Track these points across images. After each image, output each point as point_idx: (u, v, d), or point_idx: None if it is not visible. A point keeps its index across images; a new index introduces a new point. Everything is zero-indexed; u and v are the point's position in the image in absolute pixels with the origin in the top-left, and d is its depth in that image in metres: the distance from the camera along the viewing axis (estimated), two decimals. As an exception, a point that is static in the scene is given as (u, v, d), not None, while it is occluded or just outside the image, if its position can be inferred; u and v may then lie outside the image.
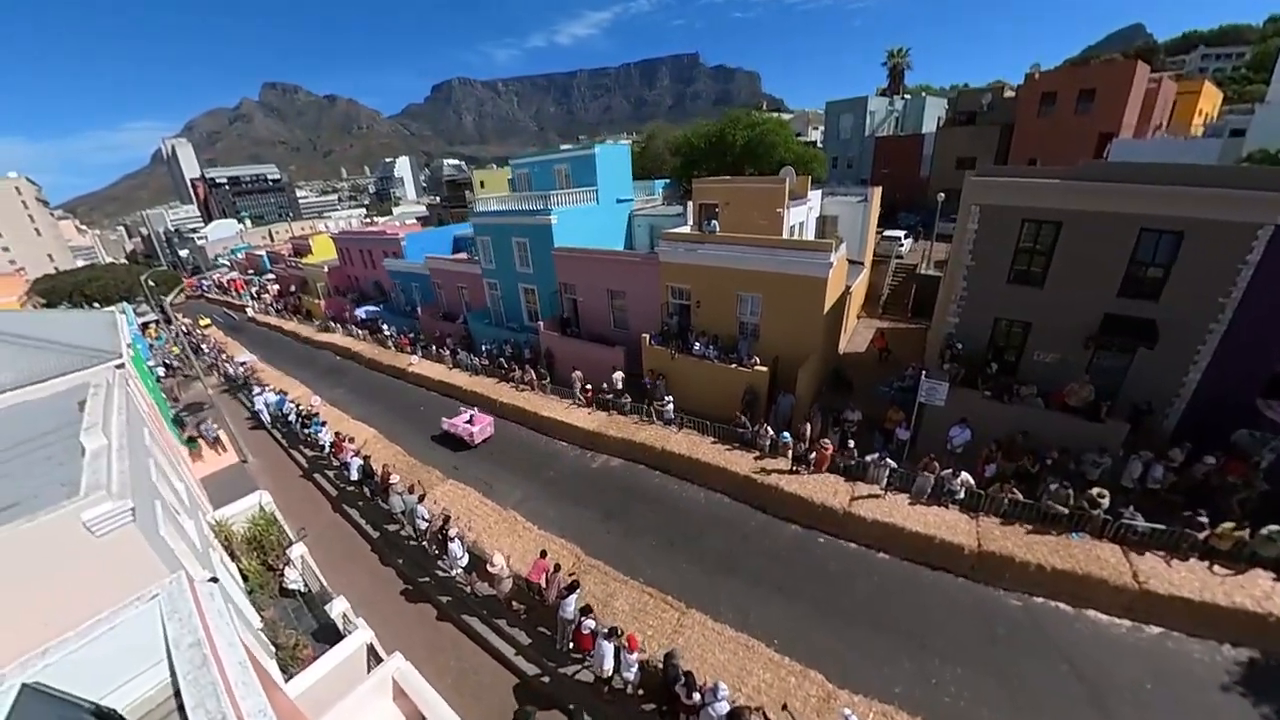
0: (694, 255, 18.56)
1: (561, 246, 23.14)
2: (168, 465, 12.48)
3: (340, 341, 35.82)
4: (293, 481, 19.60)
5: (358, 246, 41.73)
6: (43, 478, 7.35)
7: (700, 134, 35.45)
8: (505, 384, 22.92)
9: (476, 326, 28.77)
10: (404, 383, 27.47)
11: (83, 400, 9.72)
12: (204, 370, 29.33)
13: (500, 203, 25.95)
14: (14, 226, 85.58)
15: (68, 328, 14.18)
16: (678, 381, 18.72)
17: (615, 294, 22.15)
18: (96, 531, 6.28)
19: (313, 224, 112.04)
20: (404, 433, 21.08)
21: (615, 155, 26.26)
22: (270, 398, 24.66)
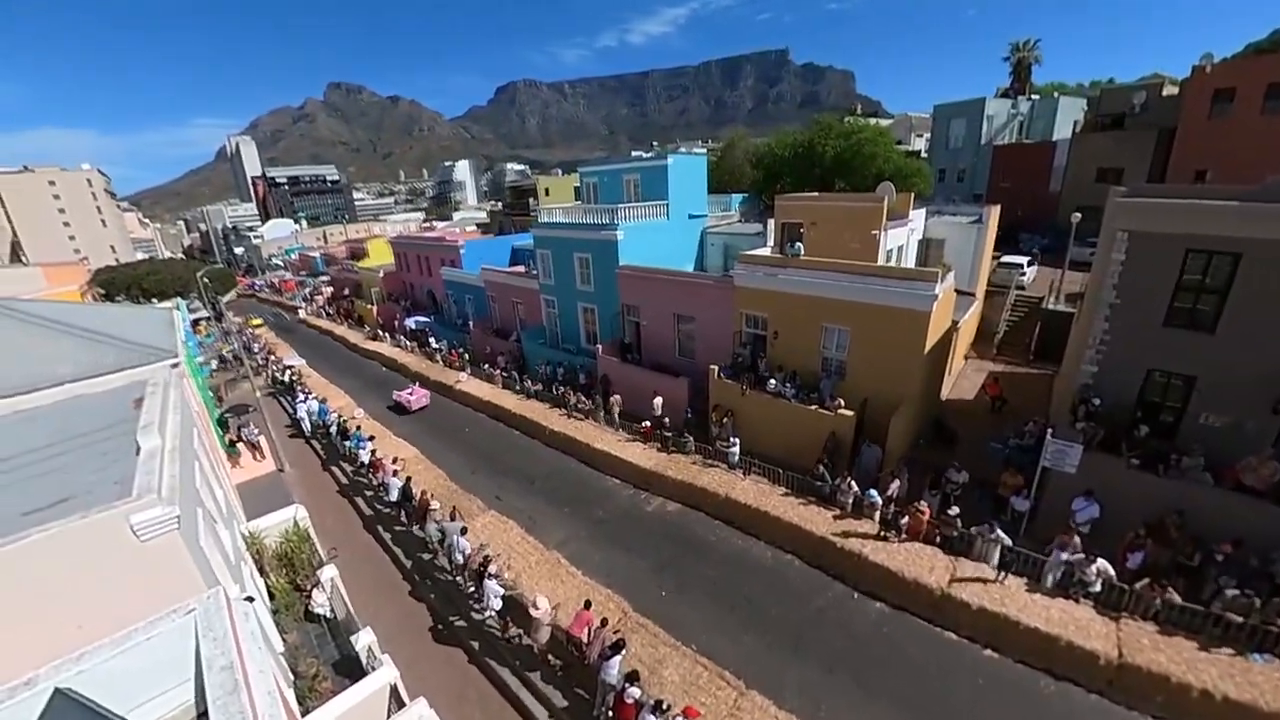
0: (773, 280, 18.40)
1: (627, 265, 23.61)
2: (210, 470, 13.60)
3: (388, 352, 38.17)
4: (328, 497, 20.80)
5: (415, 252, 44.61)
6: (97, 474, 8.15)
7: (785, 143, 35.39)
8: (556, 410, 23.46)
9: (530, 346, 29.73)
10: (450, 400, 28.74)
11: (139, 398, 10.81)
12: (253, 371, 32.06)
13: (565, 214, 26.94)
14: (82, 216, 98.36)
15: (127, 323, 15.95)
16: (748, 421, 18.39)
17: (682, 319, 22.24)
18: (142, 536, 6.84)
19: (368, 227, 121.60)
20: (446, 455, 21.97)
21: (689, 167, 26.71)
22: (313, 406, 26.57)
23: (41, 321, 13.32)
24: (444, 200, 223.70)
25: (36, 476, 8.27)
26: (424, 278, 44.30)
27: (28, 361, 12.05)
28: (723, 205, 30.89)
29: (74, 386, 11.94)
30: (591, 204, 27.91)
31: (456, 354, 32.82)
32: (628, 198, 26.76)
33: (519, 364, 29.69)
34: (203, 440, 14.62)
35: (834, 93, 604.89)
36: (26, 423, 10.57)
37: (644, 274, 23.01)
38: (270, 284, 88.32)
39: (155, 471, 7.66)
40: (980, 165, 43.62)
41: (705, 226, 27.50)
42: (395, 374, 35.51)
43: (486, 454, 22.13)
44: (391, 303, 48.18)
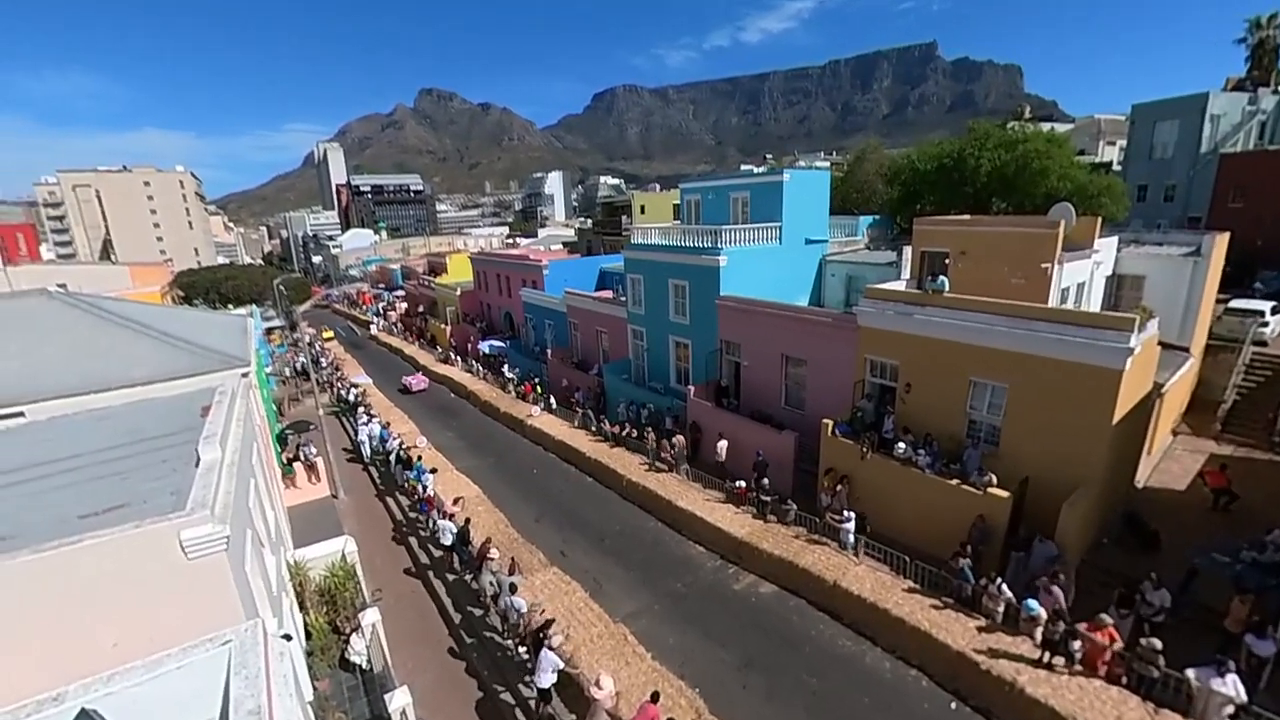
0: (908, 321, 17.47)
1: (729, 295, 23.58)
2: (265, 489, 14.76)
3: (458, 377, 40.45)
4: (379, 530, 21.91)
5: (496, 270, 47.49)
6: (155, 482, 9.03)
7: (929, 155, 34.00)
8: (637, 458, 23.53)
9: (612, 381, 30.26)
10: (519, 436, 29.86)
11: (207, 405, 12.02)
12: (318, 387, 35.22)
13: (661, 235, 27.50)
14: (171, 217, 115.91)
15: (203, 328, 18.06)
16: (868, 491, 17.35)
17: (792, 361, 21.79)
18: (190, 553, 7.37)
19: (449, 240, 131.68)
20: (510, 498, 22.60)
21: (809, 183, 26.54)
22: (375, 429, 28.46)
23: (124, 322, 15.36)
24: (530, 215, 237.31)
25: (98, 478, 9.33)
26: (503, 298, 46.87)
27: (108, 361, 13.87)
28: (847, 229, 30.11)
29: (147, 389, 13.59)
30: (692, 224, 28.28)
31: (530, 385, 34.05)
32: (734, 218, 26.90)
33: (598, 401, 30.20)
34: (261, 456, 15.98)
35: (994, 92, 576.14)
36: (99, 422, 12.09)
37: (748, 306, 22.83)
38: (346, 296, 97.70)
39: (211, 486, 8.33)
40: (1199, 180, 39.30)
41: (825, 254, 26.97)
42: (463, 401, 37.42)
43: (555, 500, 22.50)
44: (467, 324, 51.34)
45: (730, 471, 20.87)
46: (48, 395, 12.66)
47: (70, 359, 13.84)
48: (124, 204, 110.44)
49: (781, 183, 25.25)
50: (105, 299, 17.64)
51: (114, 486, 8.99)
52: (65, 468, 9.87)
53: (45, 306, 15.44)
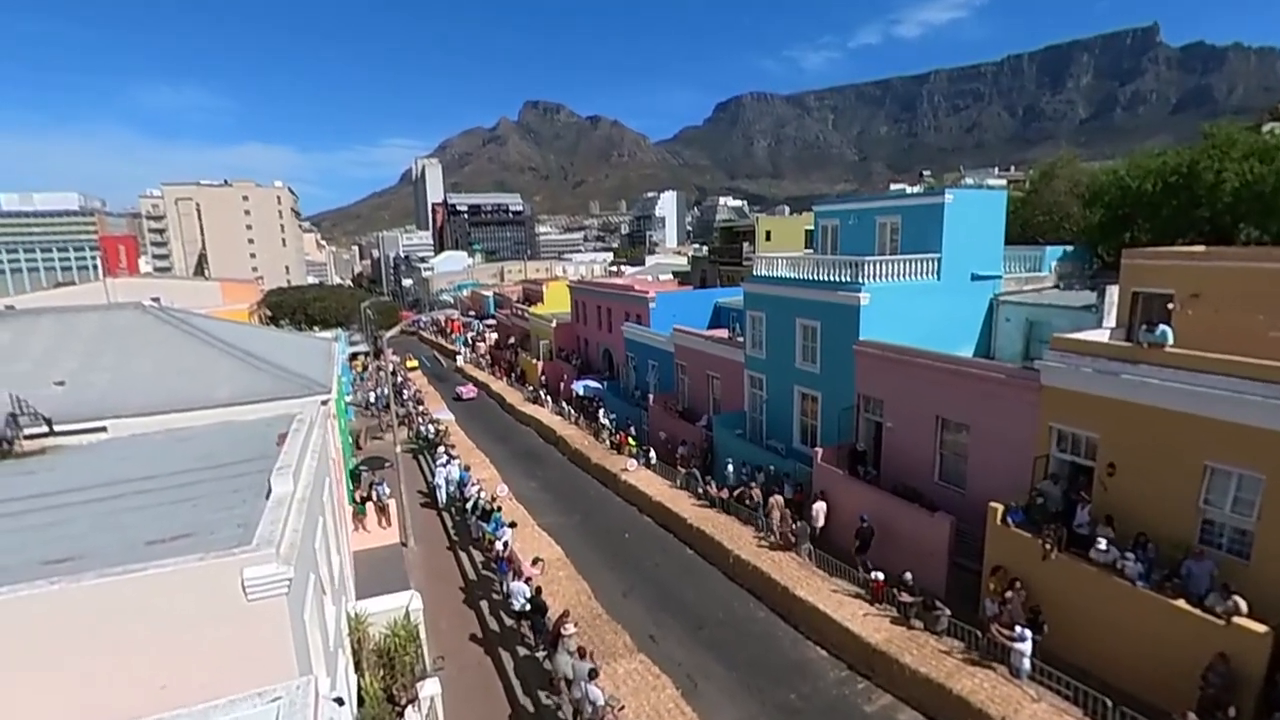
0: (1114, 383, 16.05)
1: (871, 340, 22.95)
2: (333, 529, 15.70)
3: (547, 419, 41.92)
4: (449, 588, 22.72)
5: (596, 301, 49.18)
6: (224, 512, 9.84)
7: (1146, 168, 31.34)
8: (749, 530, 23.13)
9: (723, 436, 30.07)
10: (611, 492, 30.33)
11: (284, 433, 13.03)
12: (398, 420, 37.53)
13: (789, 266, 27.38)
14: (266, 234, 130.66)
15: (287, 350, 19.85)
16: (1052, 603, 15.85)
17: (950, 426, 20.76)
18: (250, 593, 7.81)
19: (548, 266, 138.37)
20: (597, 565, 22.81)
21: (979, 206, 25.61)
22: (454, 472, 29.86)
23: (211, 340, 17.26)
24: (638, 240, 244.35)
25: (170, 503, 10.32)
26: (602, 333, 48.25)
27: (193, 379, 15.57)
28: (1029, 262, 28.44)
29: (227, 411, 15.07)
30: (827, 254, 27.94)
31: (626, 435, 34.47)
32: (880, 247, 26.36)
33: (705, 459, 30.02)
34: (333, 493, 17.13)
35: (1242, 86, 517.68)
36: (177, 443, 13.50)
37: (895, 355, 22.08)
38: (434, 323, 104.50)
39: (280, 522, 8.92)
40: None
41: (997, 293, 25.65)
42: (550, 448, 38.47)
43: (647, 573, 22.51)
44: (560, 360, 53.24)
45: (851, 553, 19.88)
46: (132, 412, 14.33)
47: (157, 376, 15.66)
48: (221, 218, 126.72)
49: (942, 205, 24.49)
50: (195, 316, 19.94)
51: (184, 513, 9.91)
52: (139, 489, 11.00)
53: (139, 321, 17.66)
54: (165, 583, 7.56)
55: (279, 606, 7.98)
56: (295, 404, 15.62)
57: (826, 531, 22.13)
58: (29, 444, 13.04)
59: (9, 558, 8.42)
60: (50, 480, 11.62)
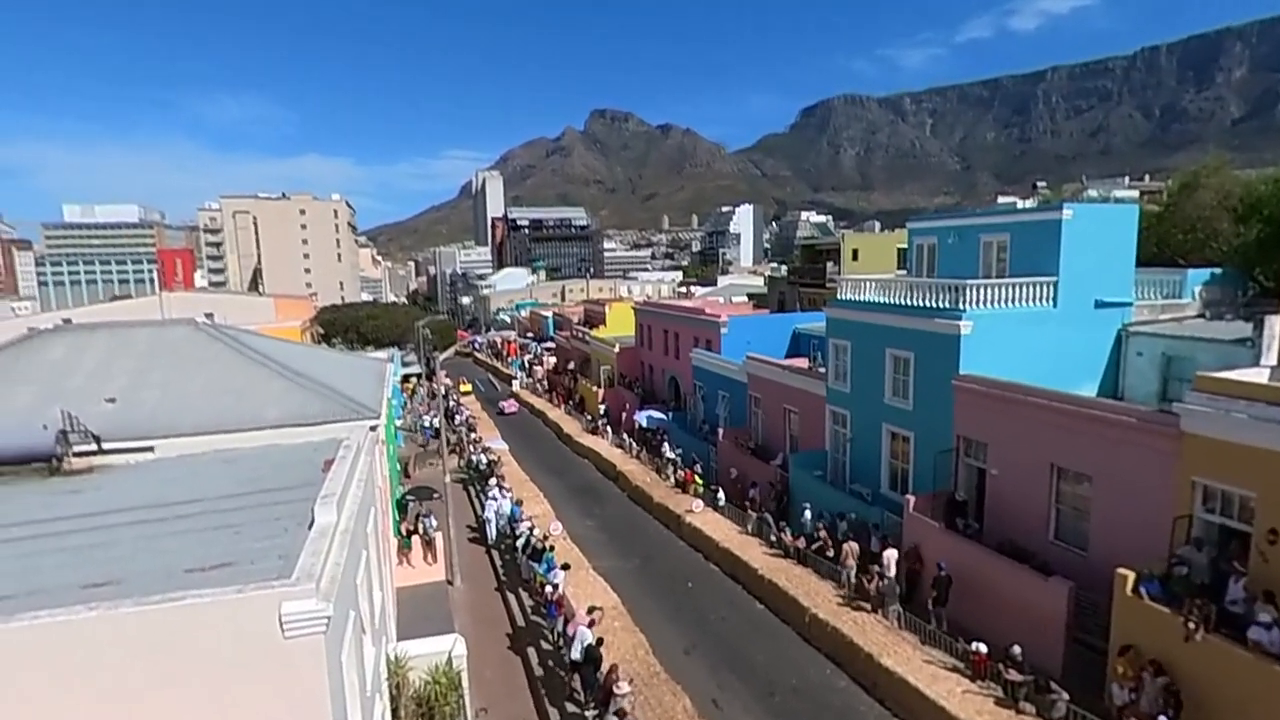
0: (1276, 432, 14.96)
1: (973, 375, 22.30)
2: (376, 564, 16.03)
3: (606, 452, 42.15)
4: (494, 633, 22.85)
5: (663, 324, 49.40)
6: (265, 541, 10.16)
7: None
8: (829, 585, 22.58)
9: (800, 478, 29.62)
10: (674, 535, 30.14)
11: (330, 459, 13.47)
12: (449, 448, 38.35)
13: (879, 289, 26.97)
14: (322, 248, 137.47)
15: (338, 371, 20.62)
16: (1195, 689, 14.81)
17: (1068, 476, 19.93)
18: (287, 630, 7.96)
19: (612, 285, 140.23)
20: (656, 616, 22.58)
21: (1105, 221, 24.84)
22: (505, 506, 30.31)
23: (262, 359, 18.10)
24: (710, 258, 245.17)
25: (212, 529, 10.76)
26: (668, 359, 48.29)
27: (242, 399, 16.33)
28: (1166, 287, 27.14)
29: (275, 433, 15.70)
30: (923, 276, 27.42)
31: (692, 473, 34.28)
32: (985, 269, 25.73)
33: (779, 502, 29.60)
34: (378, 524, 17.53)
35: None
36: (223, 465, 14.10)
37: (1002, 392, 21.37)
38: (491, 344, 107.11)
39: (321, 554, 9.17)
40: None
41: (1127, 322, 24.55)
42: (609, 483, 38.56)
43: (711, 629, 22.14)
44: (623, 388, 53.60)
45: (965, 626, 18.98)
46: (180, 432, 15.10)
47: (207, 395, 16.50)
48: (278, 232, 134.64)
49: (1059, 221, 23.71)
50: (247, 333, 20.95)
51: (225, 540, 10.30)
52: (182, 513, 11.53)
53: (192, 337, 18.70)
54: (202, 614, 7.80)
55: (316, 645, 8.10)
56: (343, 428, 16.15)
57: (919, 592, 21.45)
58: (77, 462, 13.80)
59: (50, 578, 8.89)
60: (96, 500, 12.27)
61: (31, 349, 17.75)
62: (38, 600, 7.94)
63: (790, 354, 38.49)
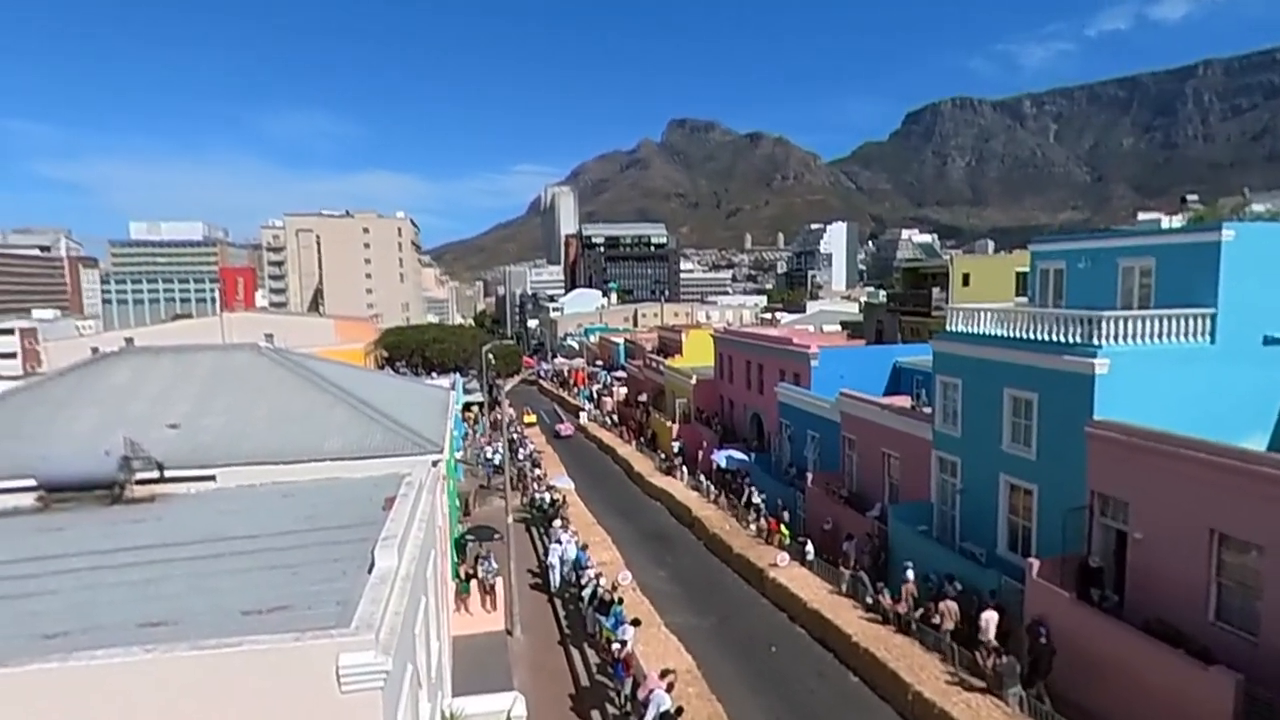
0: None
1: (1111, 421, 21.27)
2: (434, 612, 16.18)
3: (681, 495, 41.78)
4: (557, 691, 22.67)
5: (745, 355, 49.05)
6: (323, 584, 10.36)
7: None
8: (934, 658, 21.68)
9: (901, 532, 28.72)
10: (756, 592, 29.49)
11: (391, 496, 13.76)
12: (512, 484, 38.71)
13: (996, 320, 26.10)
14: (384, 268, 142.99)
15: (402, 401, 21.13)
16: None
17: (1231, 545, 18.73)
18: (344, 684, 8.00)
19: (689, 309, 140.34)
20: (736, 684, 22.05)
21: (1274, 242, 23.68)
22: (570, 551, 30.30)
23: (324, 386, 18.79)
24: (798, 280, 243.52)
25: (268, 568, 11.08)
26: (750, 394, 47.72)
27: (304, 429, 16.93)
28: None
29: (335, 465, 16.16)
30: (1049, 305, 26.63)
31: (777, 521, 33.64)
32: (1125, 299, 24.73)
33: (877, 558, 28.61)
34: (437, 568, 17.73)
35: None
36: (282, 499, 14.56)
37: (1147, 442, 20.28)
38: (557, 372, 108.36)
39: (381, 603, 9.31)
40: None
41: (1304, 363, 23.11)
42: (683, 529, 38.20)
43: (798, 701, 21.60)
44: (700, 423, 53.24)
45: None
46: (242, 460, 15.77)
47: (269, 423, 17.19)
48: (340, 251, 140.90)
49: (1218, 243, 22.61)
50: (310, 358, 21.77)
51: (282, 581, 10.59)
52: (240, 549, 11.94)
53: (254, 363, 19.61)
54: (257, 662, 7.95)
55: (373, 701, 8.16)
56: (405, 462, 16.53)
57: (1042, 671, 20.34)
58: (139, 490, 14.47)
59: (107, 615, 9.29)
60: (156, 531, 12.86)
61: (96, 372, 18.83)
62: (94, 638, 8.30)
63: (890, 391, 37.62)
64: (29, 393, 18.95)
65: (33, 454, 14.73)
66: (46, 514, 13.87)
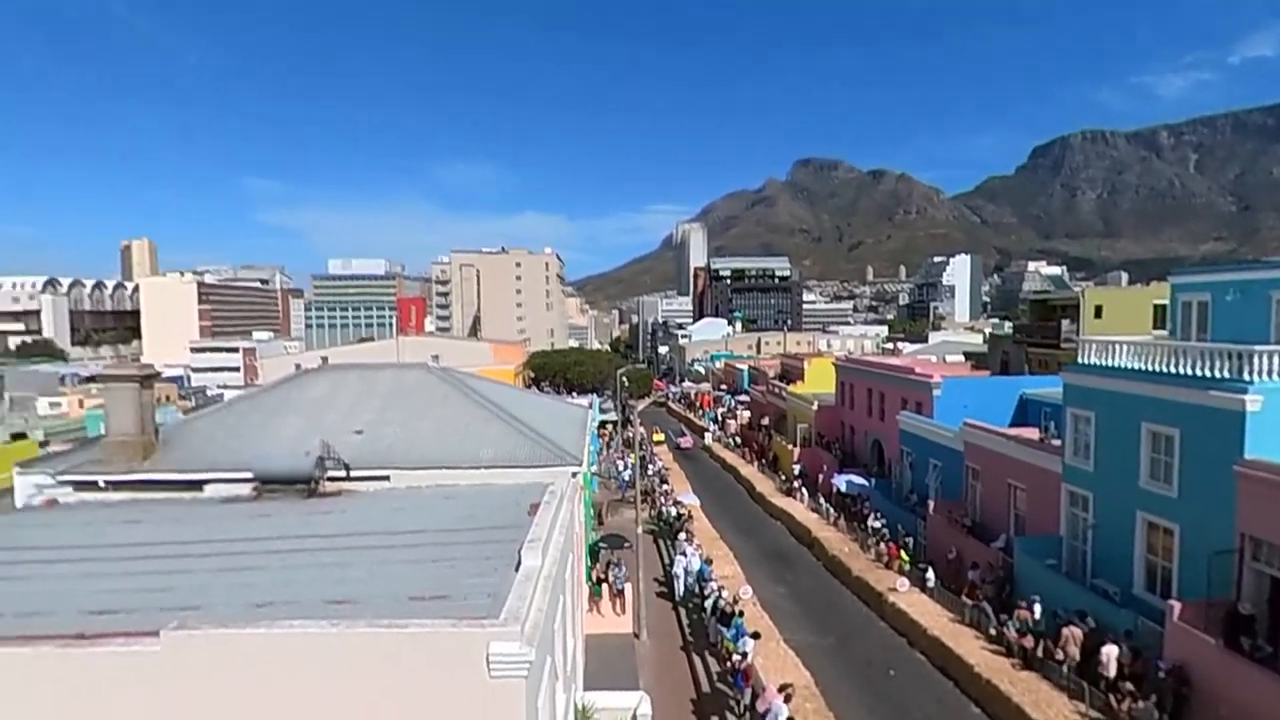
0: None
1: (1263, 461, 19.39)
2: (570, 610, 16.50)
3: (801, 516, 41.09)
4: (679, 694, 22.59)
5: (867, 383, 47.92)
6: (476, 579, 10.77)
7: None
8: (1062, 696, 20.15)
9: (1028, 566, 27.17)
10: (875, 615, 28.57)
11: (536, 503, 14.24)
12: (640, 498, 39.12)
13: (1133, 353, 24.48)
14: (534, 298, 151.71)
15: (545, 417, 21.85)
16: None
17: None
18: (493, 670, 8.27)
19: (811, 339, 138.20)
20: (854, 704, 21.40)
21: None
22: (694, 563, 30.34)
23: (481, 401, 19.84)
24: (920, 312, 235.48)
25: (432, 560, 11.67)
26: (871, 421, 46.58)
27: (463, 439, 17.91)
28: None
29: (488, 473, 17.00)
30: (1192, 338, 24.99)
31: (897, 547, 32.57)
32: (1277, 333, 22.82)
33: (1002, 589, 27.03)
34: (573, 570, 18.08)
35: None
36: (444, 500, 15.41)
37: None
38: (684, 396, 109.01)
39: (527, 599, 9.60)
40: None
41: None
42: (802, 549, 37.48)
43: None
44: (820, 447, 52.24)
45: None
46: (411, 465, 16.88)
47: (435, 432, 18.30)
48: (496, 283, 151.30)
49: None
50: (469, 376, 23.10)
51: (442, 572, 11.15)
52: (408, 541, 12.71)
53: (425, 380, 21.05)
54: (420, 642, 8.39)
55: (518, 689, 8.40)
56: (548, 473, 17.10)
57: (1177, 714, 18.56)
58: (330, 486, 15.99)
59: (303, 591, 10.20)
60: (341, 522, 14.01)
61: (299, 386, 20.99)
62: (292, 610, 9.10)
63: (1016, 422, 35.66)
64: (249, 401, 21.27)
65: (250, 452, 16.48)
66: (259, 502, 15.50)
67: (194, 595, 10.15)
